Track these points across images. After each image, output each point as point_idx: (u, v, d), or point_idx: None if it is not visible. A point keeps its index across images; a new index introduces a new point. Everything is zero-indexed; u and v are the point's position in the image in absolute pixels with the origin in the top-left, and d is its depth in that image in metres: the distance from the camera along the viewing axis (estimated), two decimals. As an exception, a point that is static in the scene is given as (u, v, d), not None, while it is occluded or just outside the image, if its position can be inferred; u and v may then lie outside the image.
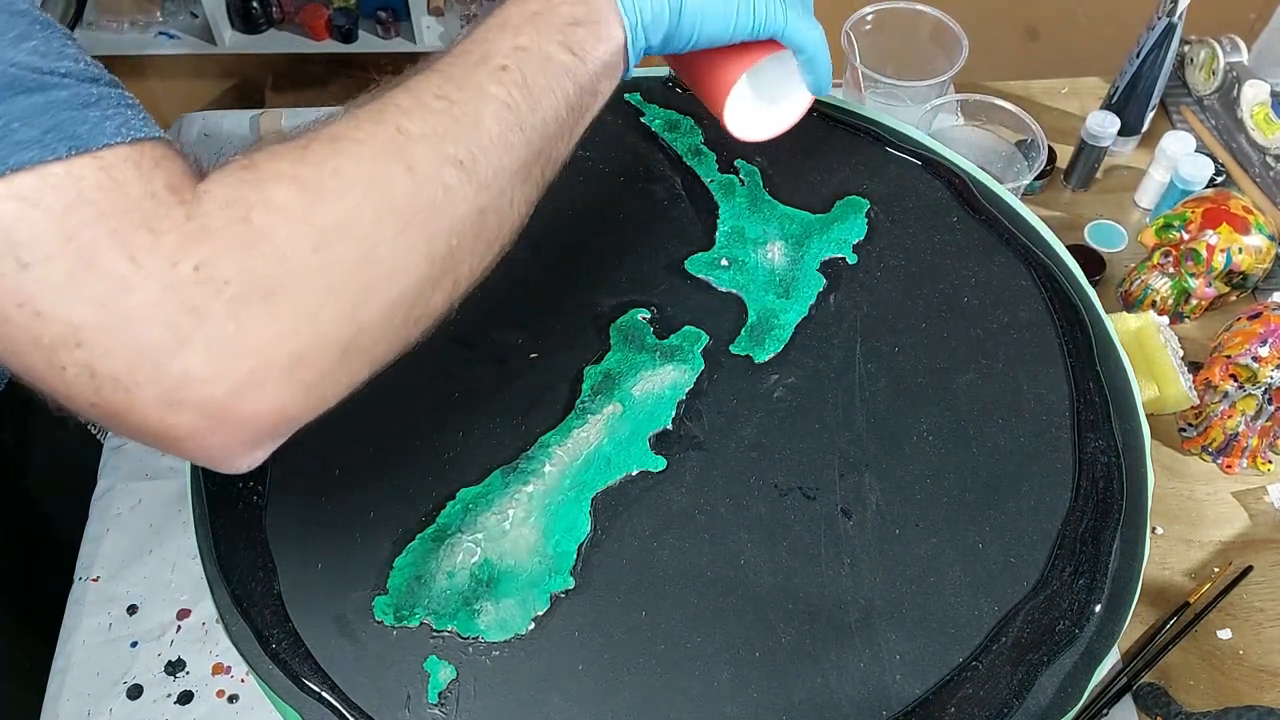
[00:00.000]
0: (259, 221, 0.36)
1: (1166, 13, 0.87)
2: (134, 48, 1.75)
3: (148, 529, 0.73)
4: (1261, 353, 0.72)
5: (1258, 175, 0.93)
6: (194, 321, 0.34)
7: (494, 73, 0.43)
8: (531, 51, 0.44)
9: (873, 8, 0.89)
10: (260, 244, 0.36)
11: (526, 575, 0.51)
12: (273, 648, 0.49)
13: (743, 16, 0.50)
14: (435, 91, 0.41)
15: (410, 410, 0.56)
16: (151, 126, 0.37)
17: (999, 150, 0.85)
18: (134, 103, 0.37)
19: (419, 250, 0.39)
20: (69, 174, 0.34)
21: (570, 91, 0.45)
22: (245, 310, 0.35)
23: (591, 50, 0.46)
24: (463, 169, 0.40)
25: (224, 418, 0.36)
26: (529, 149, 0.43)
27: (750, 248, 0.63)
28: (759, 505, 0.53)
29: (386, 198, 0.38)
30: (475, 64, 0.43)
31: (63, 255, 0.33)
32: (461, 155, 0.40)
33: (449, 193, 0.40)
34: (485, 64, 0.43)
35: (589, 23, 0.46)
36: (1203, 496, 0.77)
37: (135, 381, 0.34)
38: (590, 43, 0.46)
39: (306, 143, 0.39)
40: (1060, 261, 0.62)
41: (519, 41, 0.44)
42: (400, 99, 0.41)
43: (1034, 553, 0.52)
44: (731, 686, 0.48)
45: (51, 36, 0.35)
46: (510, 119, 0.42)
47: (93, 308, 0.33)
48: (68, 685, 0.67)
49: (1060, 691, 0.49)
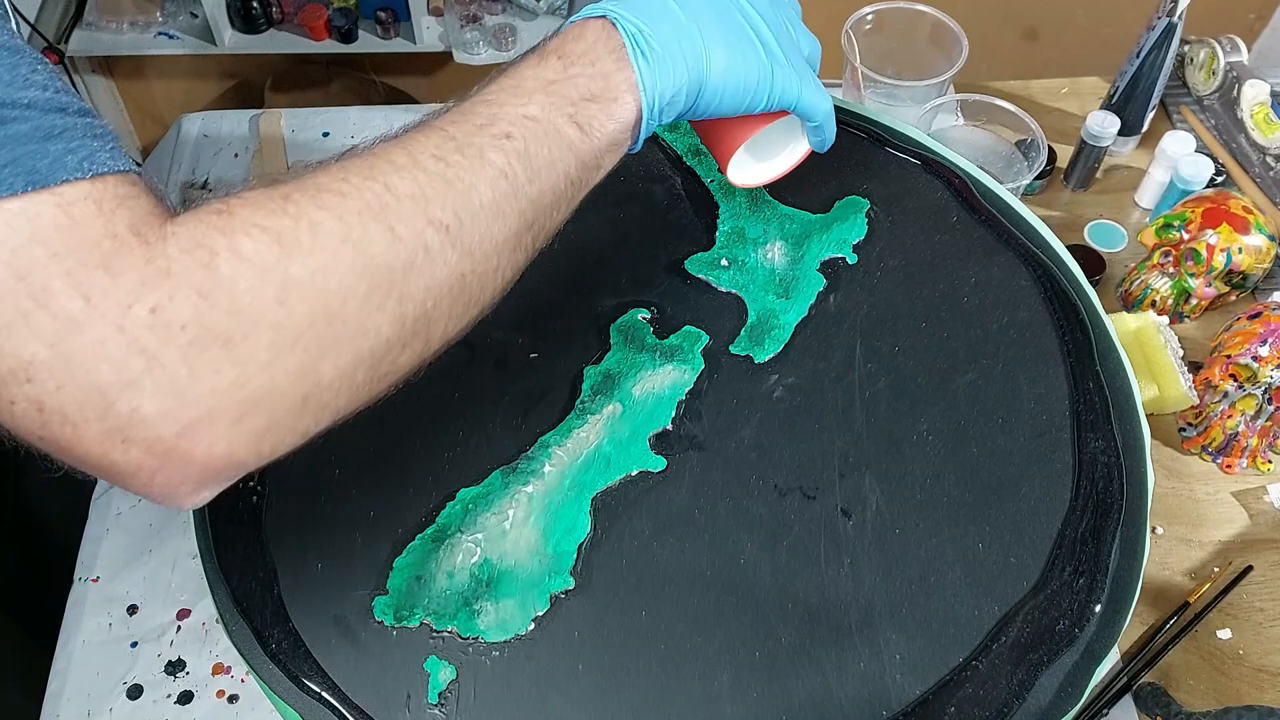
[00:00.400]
0: (223, 269, 0.35)
1: (1166, 13, 0.87)
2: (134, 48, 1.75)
3: (148, 529, 0.73)
4: (1261, 352, 0.72)
5: (1258, 175, 0.93)
6: (145, 364, 0.34)
7: (496, 140, 0.42)
8: (539, 122, 0.43)
9: (873, 8, 0.89)
10: (219, 292, 0.35)
11: (526, 575, 0.51)
12: (273, 648, 0.49)
13: (760, 95, 0.50)
14: (433, 151, 0.40)
15: (410, 410, 0.56)
16: (119, 159, 0.36)
17: (999, 150, 0.85)
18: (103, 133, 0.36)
19: (389, 311, 0.38)
20: (24, 211, 0.33)
21: (572, 167, 0.44)
22: (199, 356, 0.34)
23: (600, 127, 0.45)
24: (447, 233, 0.39)
25: (170, 458, 0.35)
26: (521, 220, 0.42)
27: (750, 248, 0.63)
28: (759, 505, 0.53)
29: (361, 257, 0.37)
30: (479, 127, 0.42)
31: (13, 293, 0.33)
32: (448, 220, 0.39)
33: (429, 256, 0.39)
34: (489, 128, 0.42)
35: (604, 99, 0.45)
36: (1203, 496, 0.77)
37: (83, 418, 0.34)
38: (600, 119, 0.45)
39: (289, 192, 0.38)
40: (1060, 261, 0.62)
41: (528, 110, 0.43)
42: (396, 155, 0.40)
43: (1034, 553, 0.52)
44: (731, 687, 0.48)
45: (18, 63, 0.35)
46: (506, 188, 0.41)
47: (43, 345, 0.33)
48: (68, 685, 0.67)
49: (1060, 691, 0.49)
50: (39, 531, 0.82)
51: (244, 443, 0.36)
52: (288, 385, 0.36)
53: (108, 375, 0.33)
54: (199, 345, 0.34)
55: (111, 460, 0.35)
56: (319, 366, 0.37)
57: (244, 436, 0.36)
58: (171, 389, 0.34)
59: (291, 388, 0.37)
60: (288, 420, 0.37)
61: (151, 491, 0.37)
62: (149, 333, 0.34)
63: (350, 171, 0.39)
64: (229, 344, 0.35)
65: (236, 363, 0.35)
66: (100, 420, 0.34)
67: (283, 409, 0.37)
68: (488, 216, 0.41)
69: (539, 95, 0.44)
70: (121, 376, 0.34)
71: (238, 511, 0.53)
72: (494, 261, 0.42)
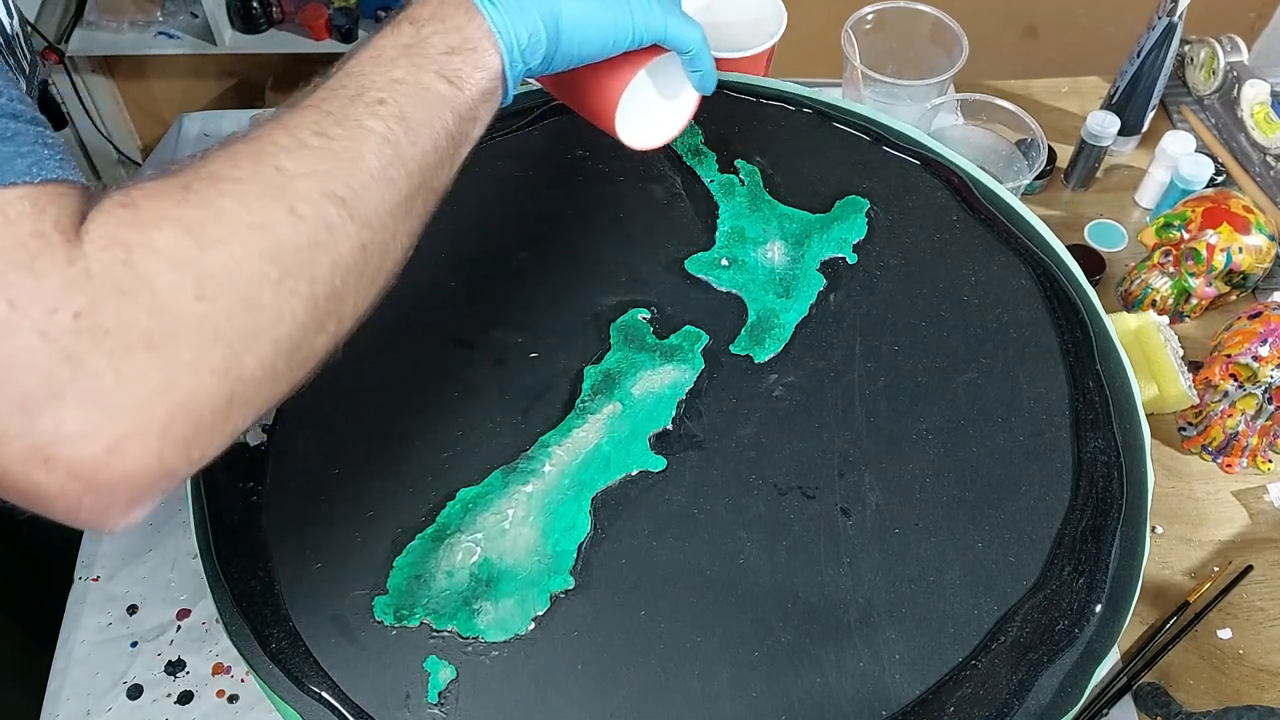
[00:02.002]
0: (141, 266, 0.34)
1: (1166, 12, 0.87)
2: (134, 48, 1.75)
3: (148, 528, 0.73)
4: (1261, 352, 0.72)
5: (1258, 175, 0.93)
6: (70, 371, 0.32)
7: (371, 107, 0.42)
8: (408, 84, 0.43)
9: (873, 8, 0.89)
10: (141, 291, 0.34)
11: (526, 575, 0.51)
12: (273, 648, 0.49)
13: (622, 27, 0.50)
14: (313, 129, 0.40)
15: (410, 410, 0.56)
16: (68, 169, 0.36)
17: (999, 150, 0.85)
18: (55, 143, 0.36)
19: (301, 293, 0.38)
20: None
21: (450, 121, 0.44)
22: (126, 362, 0.33)
23: (469, 78, 0.45)
24: (344, 206, 0.39)
25: (95, 479, 0.34)
26: (410, 182, 0.42)
27: (750, 247, 0.63)
28: (758, 505, 0.53)
29: (269, 241, 0.37)
30: (352, 98, 0.42)
31: None
32: (343, 193, 0.39)
33: (331, 232, 0.39)
34: (362, 98, 0.42)
35: (464, 51, 0.45)
36: (1203, 496, 0.77)
37: (5, 434, 0.32)
38: (467, 71, 0.45)
39: (188, 181, 0.37)
40: (1060, 261, 0.62)
41: (394, 74, 0.43)
42: (278, 137, 0.40)
43: (1034, 552, 0.52)
44: (731, 686, 0.48)
45: None
46: (390, 153, 0.41)
47: None
48: (68, 685, 0.67)
49: (1060, 691, 0.49)
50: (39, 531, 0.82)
51: (174, 452, 0.35)
52: (214, 384, 0.36)
53: (32, 386, 0.32)
54: (124, 350, 0.33)
55: (33, 482, 0.33)
56: (242, 360, 0.36)
57: (173, 445, 0.35)
58: (97, 400, 0.33)
59: (218, 386, 0.36)
60: (215, 422, 0.36)
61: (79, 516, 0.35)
62: (74, 339, 0.33)
63: (239, 157, 0.39)
64: (153, 346, 0.34)
65: (162, 365, 0.34)
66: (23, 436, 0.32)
67: (210, 410, 0.36)
68: (379, 184, 0.41)
69: (401, 60, 0.44)
70: (46, 388, 0.32)
71: (238, 511, 0.53)
72: (391, 229, 0.42)
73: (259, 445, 0.55)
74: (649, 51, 0.53)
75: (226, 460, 0.54)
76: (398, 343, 0.58)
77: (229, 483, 0.53)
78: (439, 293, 0.60)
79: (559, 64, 0.49)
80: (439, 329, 0.59)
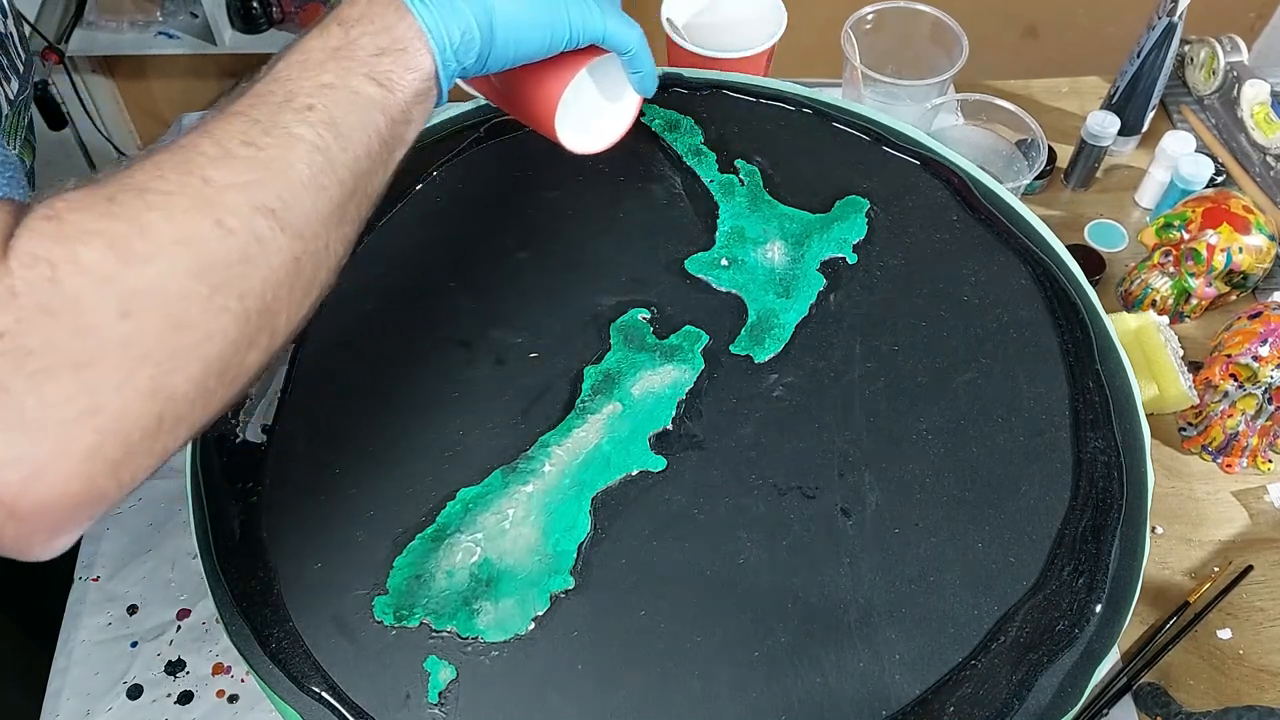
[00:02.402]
0: (67, 284, 0.33)
1: (1166, 12, 0.87)
2: (134, 48, 1.75)
3: (148, 528, 0.73)
4: (1261, 352, 0.72)
5: (1258, 175, 0.93)
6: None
7: (300, 114, 0.41)
8: (337, 88, 0.42)
9: (873, 7, 0.89)
10: (67, 311, 0.33)
11: (526, 575, 0.51)
12: (273, 648, 0.49)
13: (559, 26, 0.49)
14: (241, 137, 0.39)
15: (410, 410, 0.56)
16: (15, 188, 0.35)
17: (999, 150, 0.85)
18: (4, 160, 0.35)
19: (232, 309, 0.37)
20: None
21: (381, 125, 0.43)
22: (49, 384, 0.32)
23: (400, 80, 0.44)
24: (275, 218, 0.38)
25: (17, 506, 0.33)
26: (342, 189, 0.41)
27: (750, 247, 0.63)
28: (758, 505, 0.53)
29: (197, 257, 0.36)
30: (280, 105, 0.41)
31: None
32: (273, 204, 0.38)
33: (262, 245, 0.38)
34: (290, 104, 0.41)
35: (394, 52, 0.44)
36: (1203, 496, 0.77)
37: None
38: (398, 73, 0.44)
39: (113, 193, 0.36)
40: (1060, 261, 0.62)
41: (323, 79, 0.42)
42: (205, 146, 0.38)
43: (1034, 552, 0.52)
44: (731, 686, 0.48)
45: None
46: (321, 161, 0.40)
47: None
48: (68, 685, 0.67)
49: (1060, 691, 0.49)
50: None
51: (101, 475, 0.34)
52: (142, 406, 0.35)
53: None
54: (47, 372, 0.32)
55: None
56: (171, 380, 0.35)
57: (101, 469, 0.34)
58: (19, 425, 0.32)
59: (146, 407, 0.35)
60: (144, 443, 0.35)
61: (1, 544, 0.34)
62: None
63: (165, 168, 0.37)
64: (78, 368, 0.33)
65: (88, 387, 0.33)
66: None
67: (139, 432, 0.35)
68: (309, 193, 0.40)
69: (330, 63, 0.43)
70: None
71: (237, 511, 0.53)
72: (323, 239, 0.41)
73: (259, 445, 0.55)
74: (588, 52, 0.52)
75: (226, 460, 0.54)
76: (398, 343, 0.58)
77: (229, 483, 0.53)
78: (439, 293, 0.60)
79: (494, 64, 0.48)
80: (439, 329, 0.59)
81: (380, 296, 0.60)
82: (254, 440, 0.55)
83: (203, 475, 0.54)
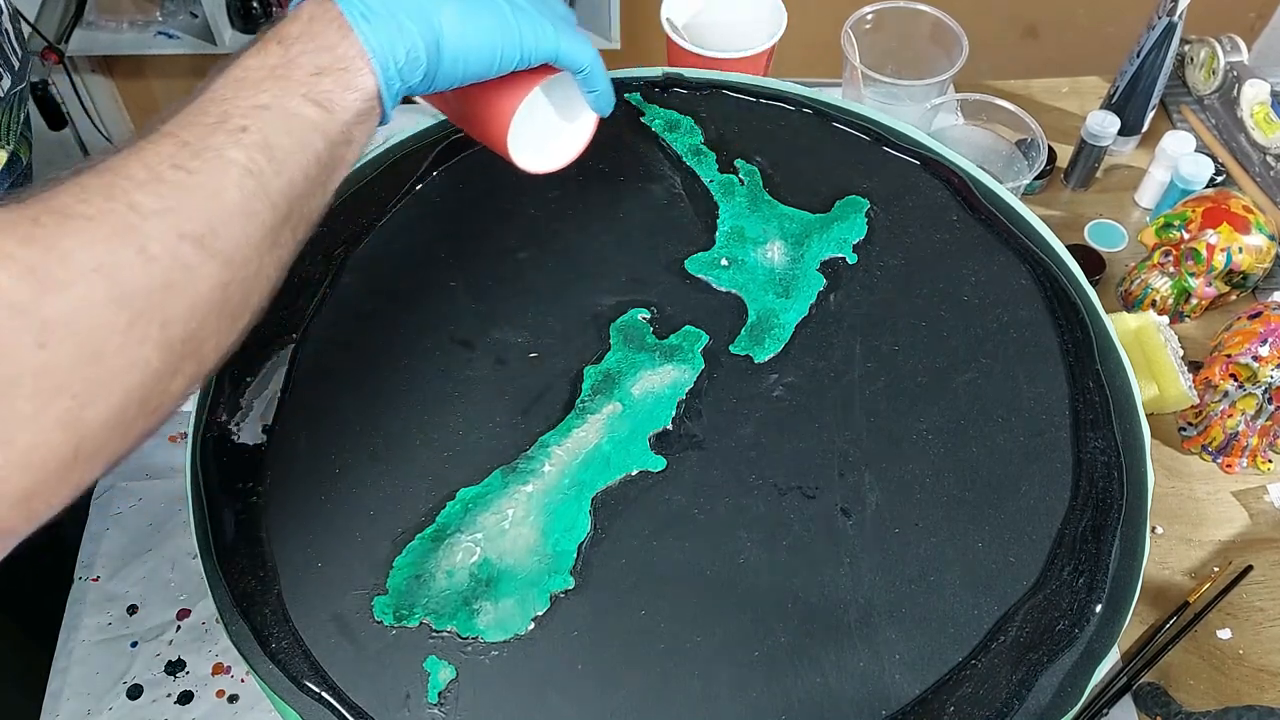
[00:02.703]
0: None
1: (1166, 12, 0.87)
2: (134, 48, 1.75)
3: (148, 528, 0.73)
4: (1261, 352, 0.72)
5: (1258, 175, 0.93)
6: None
7: (233, 135, 0.39)
8: (273, 109, 0.41)
9: (873, 7, 0.89)
10: None
11: (526, 575, 0.51)
12: (273, 648, 0.49)
13: (509, 45, 0.47)
14: (171, 161, 0.38)
15: (410, 410, 0.56)
16: None
17: (999, 150, 0.85)
18: None
19: (154, 338, 0.36)
20: None
21: (320, 147, 0.42)
22: None
23: (340, 101, 0.43)
24: (202, 245, 0.37)
25: None
26: (275, 214, 0.40)
27: (750, 247, 0.63)
28: (758, 504, 0.53)
29: (117, 286, 0.35)
30: (212, 126, 0.39)
31: None
32: (200, 230, 0.37)
33: (187, 272, 0.37)
34: (223, 126, 0.40)
35: (335, 71, 0.43)
36: (1203, 496, 0.77)
37: None
38: (338, 93, 0.43)
39: (36, 214, 0.35)
40: (1060, 261, 0.62)
41: (259, 99, 0.41)
42: (132, 169, 0.37)
43: (1034, 552, 0.52)
44: (731, 686, 0.48)
45: None
46: (253, 185, 0.39)
47: None
48: (68, 685, 0.67)
49: (1060, 691, 0.49)
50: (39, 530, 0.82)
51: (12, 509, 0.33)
52: (57, 437, 0.33)
53: None
54: None
55: None
56: (88, 412, 0.34)
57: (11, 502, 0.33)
58: None
59: (61, 440, 0.34)
60: (60, 474, 0.34)
61: None
62: None
63: (90, 192, 0.36)
64: None
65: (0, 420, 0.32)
66: None
67: (55, 464, 0.34)
68: (240, 219, 0.39)
69: (267, 83, 0.41)
70: None
71: (237, 511, 0.53)
72: (255, 264, 0.40)
73: (259, 445, 0.55)
74: (542, 71, 0.51)
75: (226, 460, 0.54)
76: (398, 343, 0.58)
77: (229, 483, 0.53)
78: (439, 293, 0.60)
79: (443, 83, 0.47)
80: (439, 329, 0.59)
81: (380, 296, 0.60)
82: (254, 440, 0.55)
83: (203, 475, 0.54)
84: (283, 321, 0.58)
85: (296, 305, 0.59)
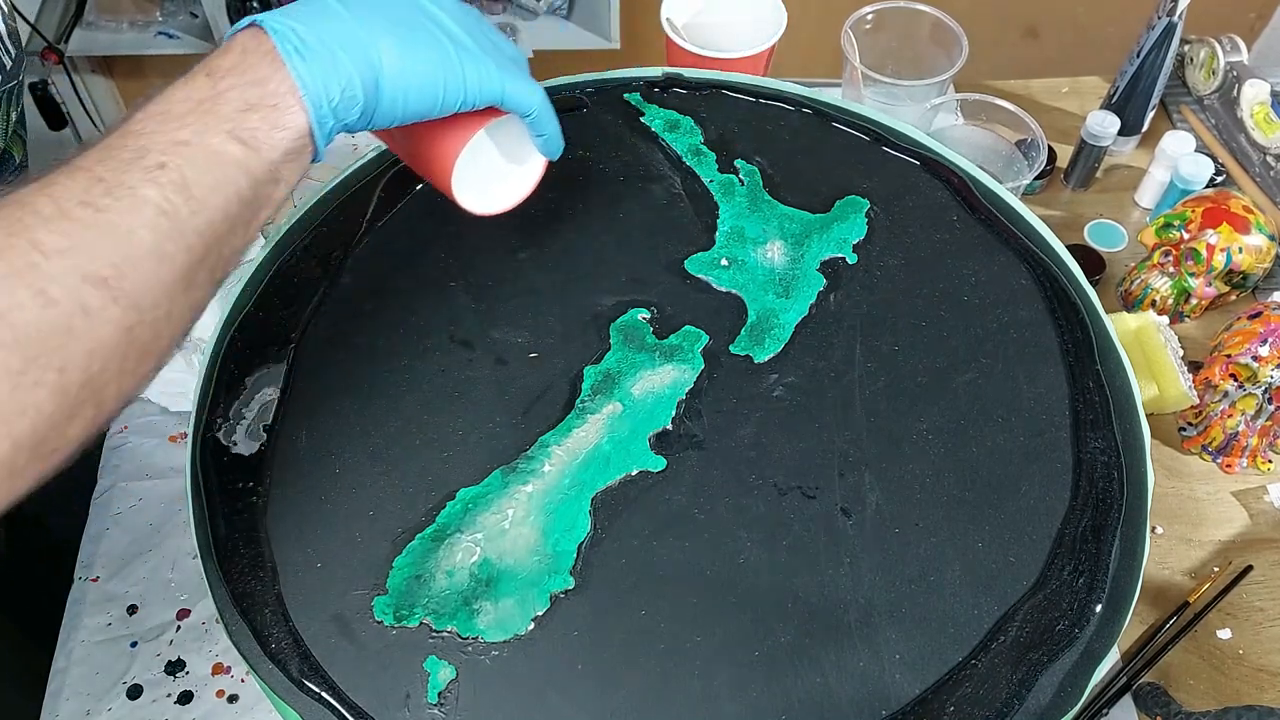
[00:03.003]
0: None
1: (1166, 12, 0.87)
2: (133, 47, 1.75)
3: (148, 528, 0.73)
4: (1261, 352, 0.72)
5: (1258, 175, 0.93)
6: None
7: (150, 173, 0.38)
8: (194, 146, 0.39)
9: (873, 7, 0.89)
10: None
11: (526, 575, 0.51)
12: (273, 648, 0.49)
13: (452, 87, 0.46)
14: (81, 197, 0.36)
15: (410, 410, 0.56)
16: None
17: (999, 150, 0.85)
18: None
19: (48, 383, 0.34)
20: None
21: (243, 186, 0.40)
22: None
23: (266, 139, 0.41)
24: (107, 288, 0.36)
25: None
26: (190, 256, 0.38)
27: (750, 247, 0.63)
28: (758, 504, 0.53)
29: (11, 328, 0.33)
30: (129, 162, 0.38)
31: None
32: (105, 272, 0.36)
33: (88, 316, 0.35)
34: (140, 162, 0.38)
35: (264, 108, 0.41)
36: (1203, 496, 0.77)
37: None
38: (265, 131, 0.41)
39: None
40: (1060, 261, 0.62)
41: (180, 135, 0.39)
42: (41, 204, 0.36)
43: (1034, 552, 0.52)
44: (731, 686, 0.48)
45: None
46: (167, 226, 0.37)
47: None
48: (68, 685, 0.67)
49: (1060, 691, 0.49)
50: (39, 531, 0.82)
51: None
52: None
53: None
54: None
55: None
56: None
57: None
58: None
59: None
60: None
61: None
62: None
63: None
64: None
65: None
66: None
67: None
68: (151, 261, 0.37)
69: (190, 117, 0.40)
70: None
71: (237, 511, 0.53)
72: (165, 307, 0.38)
73: (259, 445, 0.55)
74: (489, 113, 0.50)
75: (226, 460, 0.54)
76: (398, 343, 0.58)
77: (229, 483, 0.53)
78: (439, 293, 0.60)
79: (381, 121, 0.46)
80: (439, 329, 0.59)
81: (380, 296, 0.60)
82: (254, 441, 0.55)
83: (203, 475, 0.54)
84: (282, 322, 0.58)
85: (296, 305, 0.59)
